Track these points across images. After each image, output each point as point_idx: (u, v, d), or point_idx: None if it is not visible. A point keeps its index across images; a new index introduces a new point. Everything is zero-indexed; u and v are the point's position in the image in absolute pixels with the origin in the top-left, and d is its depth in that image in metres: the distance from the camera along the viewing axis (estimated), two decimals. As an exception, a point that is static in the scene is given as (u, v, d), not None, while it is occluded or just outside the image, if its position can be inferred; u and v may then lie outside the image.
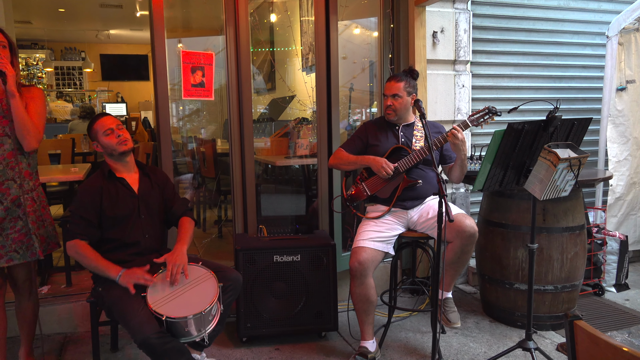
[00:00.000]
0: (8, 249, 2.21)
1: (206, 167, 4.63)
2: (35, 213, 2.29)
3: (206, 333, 2.18)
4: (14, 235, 2.22)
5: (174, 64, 3.16)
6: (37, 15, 8.35)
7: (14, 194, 2.21)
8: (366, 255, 2.58)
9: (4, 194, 2.19)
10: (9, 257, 2.21)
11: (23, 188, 2.24)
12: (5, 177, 2.19)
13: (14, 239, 2.22)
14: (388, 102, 2.71)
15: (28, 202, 2.25)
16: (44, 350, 2.80)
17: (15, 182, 2.21)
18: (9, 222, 2.21)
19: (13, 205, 2.21)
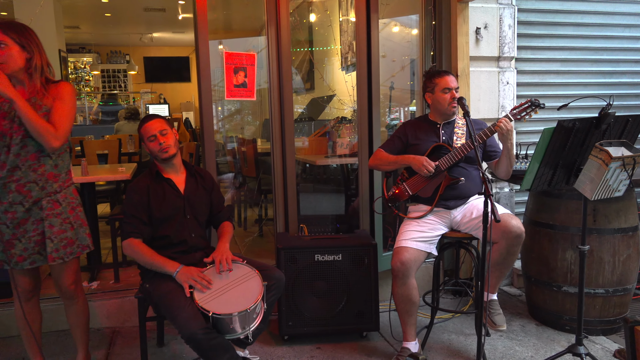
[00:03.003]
0: (30, 251, 2.20)
1: (247, 167, 4.69)
2: (60, 216, 2.22)
3: (250, 330, 2.20)
4: (37, 237, 2.20)
5: (216, 65, 3.21)
6: (85, 20, 8.68)
7: (35, 196, 2.18)
8: (408, 255, 2.55)
9: (25, 196, 2.17)
10: (32, 260, 2.20)
11: (45, 190, 2.20)
12: (27, 179, 2.16)
13: (37, 241, 2.20)
14: (455, 95, 2.66)
15: (50, 204, 2.21)
16: (95, 343, 2.90)
17: (37, 184, 2.18)
18: (32, 224, 2.19)
19: (35, 207, 2.19)
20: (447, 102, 2.68)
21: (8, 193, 2.16)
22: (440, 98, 2.69)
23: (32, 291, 2.32)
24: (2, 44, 2.08)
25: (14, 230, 2.18)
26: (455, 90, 2.69)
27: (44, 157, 2.19)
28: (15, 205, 2.17)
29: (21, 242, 2.19)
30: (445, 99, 2.68)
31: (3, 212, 2.17)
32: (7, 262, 2.19)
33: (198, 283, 2.18)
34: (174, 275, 2.22)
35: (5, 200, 2.17)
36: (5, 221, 2.17)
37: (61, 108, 2.18)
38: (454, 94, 2.68)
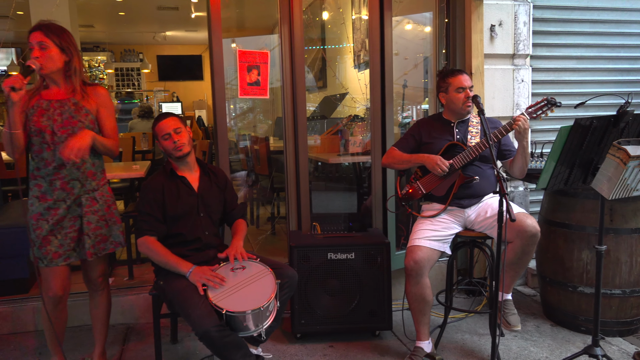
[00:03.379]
0: (66, 247, 2.25)
1: (260, 165, 4.70)
2: (97, 213, 2.31)
3: (263, 328, 2.21)
4: (73, 234, 2.26)
5: (229, 63, 3.22)
6: (99, 19, 8.74)
7: (76, 193, 2.26)
8: (422, 254, 2.54)
9: (68, 193, 2.24)
10: (67, 256, 2.26)
11: (85, 188, 2.28)
12: (71, 177, 2.24)
13: (73, 238, 2.26)
14: (469, 94, 2.64)
15: (88, 202, 2.28)
16: (109, 340, 2.93)
17: (79, 181, 2.27)
18: (69, 222, 2.25)
19: (74, 205, 2.26)
20: (461, 102, 2.65)
21: (54, 190, 2.22)
22: (455, 98, 2.67)
23: (62, 297, 2.31)
24: (43, 46, 2.15)
25: (53, 227, 2.23)
26: (469, 89, 2.66)
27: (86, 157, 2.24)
28: (59, 202, 2.24)
29: (57, 239, 2.24)
30: (459, 99, 2.66)
31: (46, 209, 2.23)
32: (42, 259, 2.23)
33: (211, 281, 2.19)
34: (187, 276, 2.23)
35: (51, 197, 2.23)
36: (47, 217, 2.22)
37: (110, 117, 2.36)
38: (468, 93, 2.65)
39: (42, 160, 2.22)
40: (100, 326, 2.53)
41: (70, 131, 2.21)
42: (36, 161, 2.24)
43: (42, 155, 2.21)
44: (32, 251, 2.27)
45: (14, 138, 2.12)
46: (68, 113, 2.23)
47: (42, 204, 2.23)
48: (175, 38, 10.54)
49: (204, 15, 8.23)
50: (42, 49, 2.14)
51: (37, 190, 2.25)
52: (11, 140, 2.12)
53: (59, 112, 2.21)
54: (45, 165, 2.22)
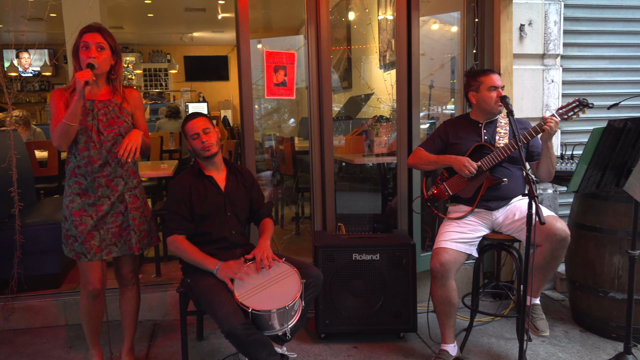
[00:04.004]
0: (108, 242, 2.33)
1: (285, 165, 4.73)
2: (139, 209, 2.41)
3: (288, 328, 2.22)
4: (114, 229, 2.34)
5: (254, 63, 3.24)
6: (129, 20, 8.92)
7: (120, 190, 2.34)
8: (448, 256, 2.52)
9: (112, 190, 2.32)
10: (108, 250, 2.34)
11: (127, 185, 2.37)
12: (115, 175, 2.33)
13: (114, 233, 2.34)
14: (501, 93, 2.61)
15: (130, 199, 2.38)
16: (137, 335, 2.98)
17: (123, 179, 2.36)
18: (111, 217, 2.34)
19: (117, 201, 2.35)
20: (493, 101, 2.62)
21: (97, 187, 2.30)
22: (486, 97, 2.63)
23: (101, 290, 2.40)
24: (100, 47, 2.23)
25: (97, 223, 2.31)
26: (501, 89, 2.63)
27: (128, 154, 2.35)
28: (103, 198, 2.31)
29: (100, 234, 2.32)
30: (491, 98, 2.62)
31: (90, 205, 2.30)
32: (85, 254, 2.31)
33: (238, 274, 2.21)
34: (215, 272, 2.26)
35: (94, 194, 2.30)
36: (91, 213, 2.30)
37: (143, 118, 2.50)
38: (500, 92, 2.62)
39: (86, 158, 2.28)
40: (129, 322, 2.58)
41: (117, 130, 2.31)
42: (79, 159, 2.30)
43: (87, 153, 2.28)
44: (73, 247, 2.33)
45: (71, 130, 2.20)
46: (113, 113, 2.31)
47: (84, 200, 2.30)
48: (202, 39, 10.68)
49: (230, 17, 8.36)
50: (99, 49, 2.23)
51: (77, 187, 2.31)
52: (67, 133, 2.19)
53: (103, 112, 2.29)
54: (89, 162, 2.28)
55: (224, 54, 11.56)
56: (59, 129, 2.19)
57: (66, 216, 2.34)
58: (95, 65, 2.19)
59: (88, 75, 2.12)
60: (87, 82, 2.11)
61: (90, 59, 2.20)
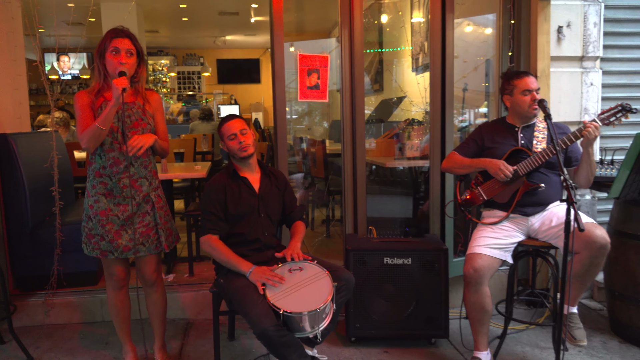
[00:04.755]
0: (135, 241, 2.38)
1: (316, 168, 4.74)
2: (163, 209, 2.47)
3: (319, 330, 2.22)
4: (142, 229, 2.39)
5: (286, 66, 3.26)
6: (164, 24, 9.12)
7: (145, 190, 2.40)
8: (482, 262, 2.48)
9: (137, 191, 2.38)
10: (136, 250, 2.38)
11: (152, 186, 2.43)
12: (139, 175, 2.38)
13: (142, 232, 2.39)
14: (536, 97, 2.56)
15: (156, 198, 2.43)
16: (170, 333, 3.04)
17: (147, 179, 2.41)
18: (138, 217, 2.39)
19: (143, 202, 2.40)
20: (527, 105, 2.57)
21: (122, 188, 2.35)
22: (520, 100, 2.59)
23: (124, 279, 2.50)
24: (130, 53, 2.30)
25: (123, 222, 2.36)
26: (535, 92, 2.57)
27: (150, 155, 2.44)
28: (128, 199, 2.37)
29: (127, 234, 2.37)
30: (525, 102, 2.57)
31: (115, 205, 2.36)
32: (112, 251, 2.37)
33: (270, 280, 2.23)
34: (247, 275, 2.28)
35: (119, 194, 2.36)
36: (117, 213, 2.36)
37: (163, 121, 2.53)
38: (535, 95, 2.57)
39: (111, 159, 2.34)
40: (158, 321, 2.62)
41: (140, 132, 2.37)
42: (104, 159, 2.35)
43: (113, 154, 2.34)
44: (98, 245, 2.38)
45: (102, 134, 2.26)
46: (137, 115, 2.37)
47: (110, 200, 2.36)
48: (234, 42, 10.83)
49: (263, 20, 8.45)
50: (129, 55, 2.30)
51: (102, 187, 2.37)
52: (99, 136, 2.26)
53: (127, 114, 2.35)
54: (114, 163, 2.34)
55: (256, 57, 11.69)
56: (90, 132, 2.24)
57: (90, 216, 2.38)
58: (127, 73, 2.26)
59: (125, 82, 2.19)
60: (124, 89, 2.17)
61: (122, 65, 2.25)
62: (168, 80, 11.31)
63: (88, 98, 2.33)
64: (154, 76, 11.14)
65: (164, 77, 11.23)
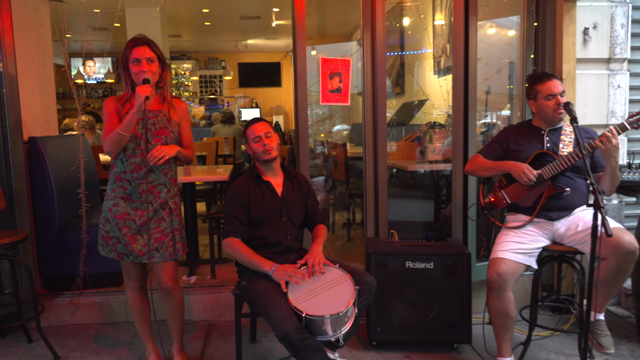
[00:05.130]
0: (150, 247, 2.40)
1: (337, 171, 4.74)
2: (178, 216, 2.49)
3: (341, 334, 2.22)
4: (157, 235, 2.42)
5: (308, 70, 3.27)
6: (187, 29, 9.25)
7: (163, 197, 2.42)
8: (506, 267, 2.44)
9: (155, 197, 2.41)
10: (150, 255, 2.41)
11: (170, 193, 2.46)
12: (158, 182, 2.41)
13: (157, 238, 2.42)
14: (560, 100, 2.52)
15: (173, 205, 2.46)
16: (192, 334, 3.07)
17: (166, 186, 2.44)
18: (154, 223, 2.42)
19: (160, 208, 2.43)
20: (551, 110, 2.53)
21: (141, 193, 2.39)
22: (544, 106, 2.55)
23: (140, 280, 2.54)
24: (150, 60, 2.34)
25: (139, 227, 2.40)
26: (560, 95, 2.53)
27: (172, 164, 2.46)
28: (146, 204, 2.40)
29: (143, 238, 2.40)
30: (549, 107, 2.54)
31: (133, 209, 2.40)
32: (127, 255, 2.41)
33: (293, 277, 2.24)
34: (271, 274, 2.29)
35: (137, 199, 2.40)
36: (134, 217, 2.39)
37: (189, 129, 2.56)
38: (559, 99, 2.52)
39: (132, 164, 2.38)
40: (175, 325, 2.64)
41: (164, 140, 2.40)
42: (126, 165, 2.39)
43: (134, 160, 2.38)
44: (115, 248, 2.42)
45: (123, 140, 2.31)
46: (161, 123, 2.41)
47: (128, 204, 2.40)
48: (255, 46, 10.92)
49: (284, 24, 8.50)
50: (149, 62, 2.33)
51: (122, 191, 2.41)
52: (120, 142, 2.30)
53: (152, 122, 2.39)
54: (135, 169, 2.38)
55: (277, 60, 11.77)
56: (112, 138, 2.29)
57: (108, 218, 2.42)
58: (150, 80, 2.30)
59: (148, 90, 2.24)
60: (147, 97, 2.22)
61: (144, 73, 2.29)
62: (190, 84, 11.45)
63: (115, 105, 2.39)
64: (177, 80, 11.30)
65: (186, 81, 11.38)
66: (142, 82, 2.28)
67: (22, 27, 3.34)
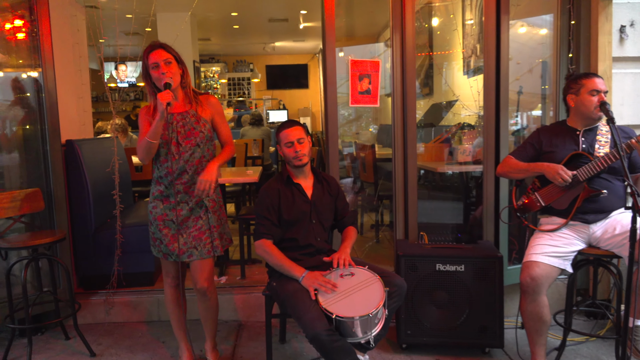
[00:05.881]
0: (189, 245, 2.45)
1: (366, 172, 4.73)
2: (216, 213, 2.53)
3: (371, 336, 2.21)
4: (195, 233, 2.47)
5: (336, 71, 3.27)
6: (216, 32, 9.37)
7: (197, 196, 2.46)
8: (540, 270, 2.40)
9: (190, 196, 2.45)
10: (190, 253, 2.46)
11: None
12: (193, 181, 2.44)
13: (195, 236, 2.46)
14: (603, 98, 2.47)
15: (210, 203, 2.50)
16: (223, 334, 3.11)
17: None
18: (192, 222, 2.47)
19: (196, 206, 2.47)
20: (593, 105, 2.47)
21: (176, 193, 2.43)
22: (586, 100, 2.49)
23: (177, 278, 2.58)
24: (168, 61, 2.37)
25: (179, 227, 2.45)
26: (603, 94, 2.47)
27: (205, 162, 2.48)
28: (182, 204, 2.45)
29: (182, 237, 2.46)
30: (591, 102, 2.48)
31: (170, 210, 2.45)
32: (170, 254, 2.47)
33: (323, 286, 2.24)
34: (300, 280, 2.31)
35: (173, 199, 2.45)
36: (172, 217, 2.44)
37: (224, 123, 2.57)
38: (602, 97, 2.47)
39: (166, 169, 2.43)
40: (209, 324, 2.68)
41: (193, 141, 2.43)
42: (160, 170, 2.46)
43: (167, 164, 2.42)
44: (160, 248, 2.50)
45: (152, 147, 2.36)
46: (190, 125, 2.44)
47: (166, 205, 2.46)
48: (283, 48, 11.00)
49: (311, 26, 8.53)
50: (167, 64, 2.36)
51: (159, 194, 2.48)
52: (149, 149, 2.36)
53: (181, 124, 2.42)
54: (168, 173, 2.43)
55: (304, 62, 11.82)
56: (142, 146, 2.36)
57: (151, 220, 2.50)
58: (172, 84, 2.33)
59: (170, 96, 2.27)
60: (169, 104, 2.25)
61: (164, 76, 2.32)
62: (219, 87, 11.59)
63: (147, 114, 2.45)
64: (206, 83, 11.46)
65: (215, 83, 11.53)
66: (164, 86, 2.31)
67: (60, 34, 3.44)
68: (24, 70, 3.25)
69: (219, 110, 2.56)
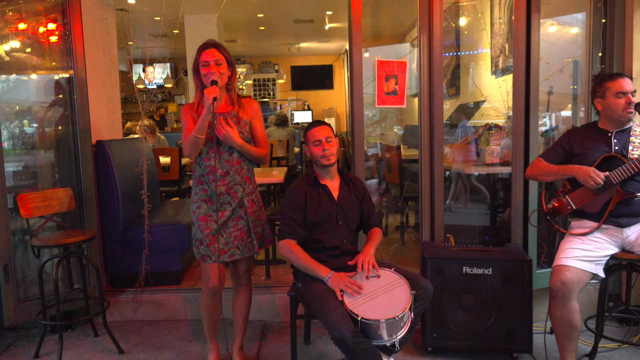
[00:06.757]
0: (230, 245, 2.50)
1: (391, 174, 4.70)
2: (255, 213, 2.55)
3: (397, 339, 2.20)
4: (236, 233, 2.50)
5: (363, 72, 3.26)
6: (242, 34, 9.44)
7: (239, 196, 2.49)
8: (570, 275, 2.34)
9: (232, 197, 2.48)
10: (232, 253, 2.50)
11: (245, 191, 2.52)
12: (234, 182, 2.48)
13: (236, 236, 2.50)
14: (631, 99, 2.40)
15: (249, 203, 2.52)
16: (248, 334, 3.13)
17: (241, 186, 2.50)
18: (232, 222, 2.50)
19: (237, 207, 2.50)
20: (620, 108, 2.41)
21: (219, 195, 2.47)
22: (613, 103, 2.43)
23: (219, 288, 2.54)
24: (219, 62, 2.41)
25: (220, 227, 2.48)
26: (631, 94, 2.40)
27: (243, 162, 2.52)
28: (225, 205, 2.49)
29: (223, 237, 2.50)
30: (618, 105, 2.41)
31: (214, 211, 2.48)
32: (210, 255, 2.49)
33: (349, 288, 2.23)
34: (326, 281, 2.30)
35: (217, 201, 2.47)
36: (215, 218, 2.48)
37: (261, 127, 2.59)
38: (630, 98, 2.40)
39: (207, 167, 2.47)
40: (241, 321, 2.72)
41: None
42: (202, 168, 2.49)
43: (209, 162, 2.46)
44: (199, 249, 2.51)
45: (199, 142, 2.39)
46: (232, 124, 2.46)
47: (210, 206, 2.49)
48: (308, 49, 11.02)
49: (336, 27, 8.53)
50: (217, 65, 2.39)
51: (203, 194, 2.51)
52: (196, 144, 2.39)
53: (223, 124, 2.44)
54: (210, 171, 2.46)
55: (329, 63, 11.82)
56: (188, 141, 2.38)
57: (193, 221, 2.53)
58: (218, 82, 2.36)
59: (216, 92, 2.29)
60: (215, 98, 2.28)
61: (213, 75, 2.36)
62: (244, 88, 11.68)
63: (190, 110, 2.48)
64: (232, 84, 11.55)
65: (240, 84, 11.61)
66: (210, 83, 2.35)
67: (91, 37, 3.52)
68: (56, 72, 3.33)
69: (258, 114, 2.60)
